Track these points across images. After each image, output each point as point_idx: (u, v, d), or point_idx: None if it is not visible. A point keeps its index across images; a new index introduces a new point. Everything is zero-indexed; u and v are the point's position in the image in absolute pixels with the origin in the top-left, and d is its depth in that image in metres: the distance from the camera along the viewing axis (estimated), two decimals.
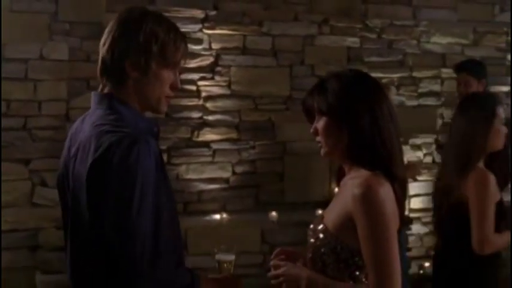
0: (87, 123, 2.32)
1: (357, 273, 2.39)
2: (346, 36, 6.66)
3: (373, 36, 6.77)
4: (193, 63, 6.15)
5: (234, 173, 6.35)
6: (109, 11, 5.73)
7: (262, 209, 6.28)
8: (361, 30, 6.72)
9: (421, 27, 6.92)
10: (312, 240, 2.51)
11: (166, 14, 6.08)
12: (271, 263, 2.60)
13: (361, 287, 2.37)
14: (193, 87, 6.18)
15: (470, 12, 7.09)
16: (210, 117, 6.26)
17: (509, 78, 7.10)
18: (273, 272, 2.54)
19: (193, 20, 6.16)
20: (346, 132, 2.41)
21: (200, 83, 6.21)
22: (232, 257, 2.58)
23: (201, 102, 6.21)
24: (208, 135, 6.25)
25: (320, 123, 2.48)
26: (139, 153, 2.11)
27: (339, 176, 2.64)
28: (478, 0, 7.13)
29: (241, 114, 6.35)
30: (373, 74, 6.85)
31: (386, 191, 2.32)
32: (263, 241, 5.86)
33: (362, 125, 2.38)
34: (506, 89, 7.09)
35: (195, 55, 6.14)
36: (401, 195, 2.42)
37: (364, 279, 2.38)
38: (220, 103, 6.28)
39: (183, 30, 6.29)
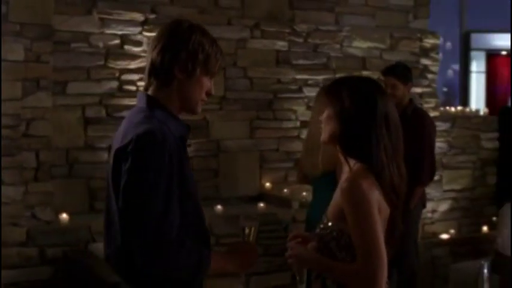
0: (126, 118, 2.64)
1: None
2: (275, 40, 7.05)
3: (300, 40, 7.18)
4: (133, 65, 6.38)
5: None
6: (57, 13, 5.91)
7: None
8: (289, 35, 7.11)
9: (343, 32, 7.39)
10: (317, 230, 2.89)
11: (108, 17, 6.32)
12: (288, 244, 2.94)
13: (351, 267, 2.69)
14: (133, 88, 6.39)
15: (387, 19, 7.65)
16: None
17: (422, 80, 7.67)
18: (289, 252, 2.90)
19: (133, 23, 6.38)
20: (340, 128, 2.77)
21: (140, 83, 6.40)
22: (255, 225, 2.83)
23: None
24: None
25: (325, 113, 2.86)
26: (155, 146, 2.45)
27: None
28: (394, 8, 7.68)
29: None
30: (300, 76, 7.36)
31: (369, 183, 2.69)
32: (211, 233, 6.15)
33: (361, 126, 2.74)
34: (420, 90, 7.64)
35: (135, 57, 6.39)
36: (386, 186, 2.74)
37: None
38: None
39: (123, 32, 6.51)
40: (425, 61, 7.79)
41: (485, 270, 4.94)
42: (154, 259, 2.39)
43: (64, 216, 5.63)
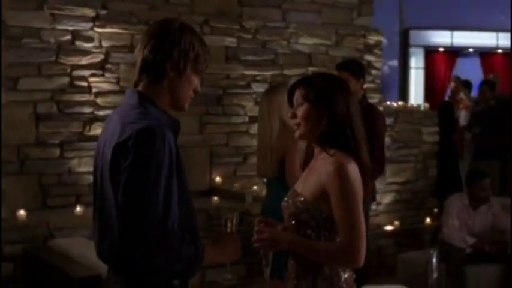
0: (117, 114, 2.68)
1: (334, 235, 2.90)
2: (224, 36, 7.14)
3: (249, 36, 7.29)
4: (84, 61, 6.38)
5: None
6: (12, 8, 5.89)
7: None
8: (238, 31, 7.22)
9: (290, 29, 7.52)
10: (292, 210, 2.99)
11: (59, 12, 6.29)
12: (255, 229, 3.01)
13: (335, 245, 2.87)
14: (85, 84, 6.41)
15: (333, 16, 7.83)
16: (101, 112, 6.48)
17: (366, 76, 7.83)
18: (256, 237, 2.97)
19: (84, 19, 6.38)
20: (325, 120, 2.91)
21: (91, 79, 6.44)
22: (236, 215, 2.91)
23: (91, 97, 6.44)
24: (99, 130, 6.39)
25: (301, 109, 2.98)
26: (156, 142, 2.49)
27: (307, 159, 3.13)
28: (339, 6, 7.88)
29: None
30: (249, 72, 7.46)
31: (353, 168, 2.87)
32: None
33: (340, 116, 2.91)
34: (364, 85, 7.80)
35: (86, 52, 6.39)
36: (364, 175, 2.94)
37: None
38: (110, 99, 6.52)
39: (74, 28, 6.48)
40: (369, 57, 7.99)
41: (434, 259, 5.15)
42: (156, 254, 2.44)
43: (21, 212, 5.61)
